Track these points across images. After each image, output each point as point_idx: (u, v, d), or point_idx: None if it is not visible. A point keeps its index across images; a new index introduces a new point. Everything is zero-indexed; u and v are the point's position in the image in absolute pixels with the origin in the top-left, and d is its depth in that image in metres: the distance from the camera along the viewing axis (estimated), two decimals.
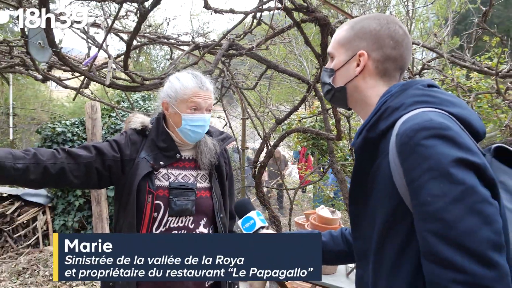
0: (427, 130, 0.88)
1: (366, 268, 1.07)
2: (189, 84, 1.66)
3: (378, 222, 1.01)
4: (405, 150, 0.90)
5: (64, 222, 5.70)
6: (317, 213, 2.20)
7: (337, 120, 3.99)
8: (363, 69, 1.10)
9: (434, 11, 9.27)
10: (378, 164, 1.01)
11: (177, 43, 4.10)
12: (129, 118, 1.76)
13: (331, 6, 3.10)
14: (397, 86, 1.06)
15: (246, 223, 1.45)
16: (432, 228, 0.84)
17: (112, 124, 6.00)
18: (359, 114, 1.19)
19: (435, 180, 0.84)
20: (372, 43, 1.10)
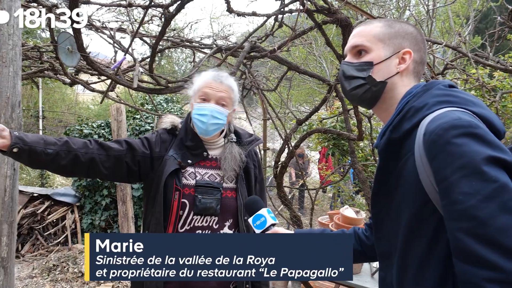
0: (457, 128, 0.87)
1: (390, 268, 1.08)
2: (205, 77, 1.71)
3: (403, 222, 1.00)
4: (434, 149, 0.90)
5: (91, 221, 5.87)
6: (342, 213, 2.23)
7: (359, 121, 4.00)
8: (406, 67, 1.11)
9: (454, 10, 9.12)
10: (402, 164, 1.01)
11: (200, 46, 4.19)
12: (161, 119, 1.83)
13: (352, 7, 3.12)
14: (418, 87, 1.08)
15: (257, 220, 1.44)
16: (465, 226, 0.83)
17: (137, 125, 6.14)
18: (381, 114, 1.18)
19: (467, 178, 0.83)
20: (414, 44, 1.13)
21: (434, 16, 6.09)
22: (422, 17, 6.25)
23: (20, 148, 1.36)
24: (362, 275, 2.25)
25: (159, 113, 5.96)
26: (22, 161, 1.45)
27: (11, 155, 1.37)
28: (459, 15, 9.50)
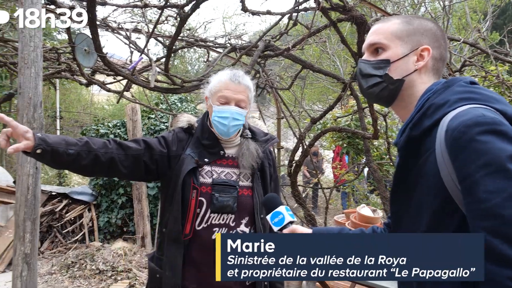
0: (481, 125, 0.86)
1: None
2: (222, 78, 1.71)
3: (424, 219, 0.99)
4: (457, 146, 0.88)
5: (108, 219, 5.95)
6: (358, 212, 2.22)
7: (374, 119, 3.97)
8: (424, 64, 1.10)
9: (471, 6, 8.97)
10: (423, 161, 1.00)
11: (214, 46, 4.22)
12: (176, 118, 1.84)
13: (367, 4, 3.11)
14: (439, 84, 1.06)
15: (275, 218, 1.43)
16: (488, 225, 0.81)
17: (152, 125, 6.21)
18: (400, 111, 1.17)
19: (491, 176, 0.82)
20: (433, 41, 1.10)
21: (451, 12, 6.00)
22: (438, 14, 6.17)
23: (43, 149, 1.39)
24: None
25: (174, 112, 6.02)
26: (44, 162, 1.48)
27: (34, 156, 1.41)
28: (476, 10, 9.35)
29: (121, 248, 5.04)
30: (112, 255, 4.90)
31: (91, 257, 4.88)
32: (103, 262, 4.77)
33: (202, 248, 1.65)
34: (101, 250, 5.05)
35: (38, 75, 1.91)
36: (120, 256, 4.87)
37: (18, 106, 1.89)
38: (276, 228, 1.42)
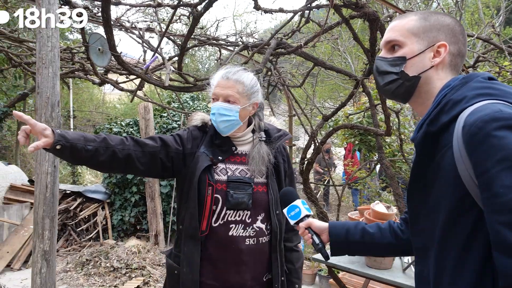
0: (498, 121, 0.86)
1: (426, 262, 1.07)
2: (216, 76, 1.73)
3: (441, 215, 0.99)
4: (474, 142, 0.89)
5: (121, 217, 6.02)
6: (372, 208, 2.22)
7: (387, 116, 3.95)
8: (441, 60, 1.09)
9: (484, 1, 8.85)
10: (440, 157, 1.00)
11: (226, 44, 4.23)
12: (191, 116, 1.85)
13: (380, 1, 3.09)
14: (456, 80, 1.06)
15: (292, 211, 1.44)
16: (506, 219, 0.82)
17: (164, 123, 6.25)
18: (417, 107, 1.17)
19: (509, 171, 0.82)
20: (451, 36, 1.10)
21: (463, 7, 5.94)
22: (450, 9, 6.11)
23: (62, 145, 1.41)
24: (394, 270, 2.23)
25: (186, 111, 6.05)
26: (63, 157, 1.50)
27: (54, 152, 1.43)
28: (489, 6, 9.22)
29: (135, 246, 5.09)
30: (126, 252, 4.95)
31: (106, 255, 4.94)
32: (117, 260, 4.82)
33: (219, 245, 1.66)
34: (115, 248, 5.10)
35: (55, 74, 1.94)
36: (134, 253, 4.92)
37: (36, 105, 1.92)
38: (292, 222, 1.44)
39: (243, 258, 1.69)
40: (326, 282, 4.51)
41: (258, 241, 1.72)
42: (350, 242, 1.38)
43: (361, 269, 2.24)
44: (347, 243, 1.39)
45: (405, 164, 5.23)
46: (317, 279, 4.72)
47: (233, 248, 1.67)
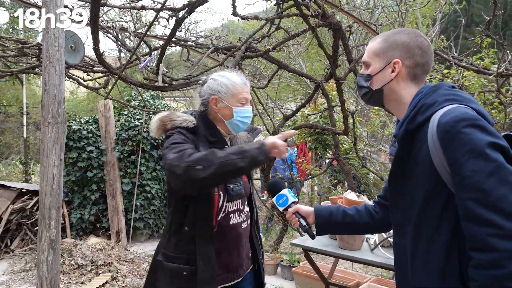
0: (465, 120, 1.10)
1: (404, 236, 1.31)
2: (237, 81, 1.84)
3: (418, 196, 1.23)
4: (447, 137, 1.12)
5: (80, 216, 5.95)
6: (345, 197, 2.54)
7: (345, 116, 4.33)
8: (397, 74, 1.34)
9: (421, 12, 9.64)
10: (417, 150, 1.23)
11: (196, 46, 4.39)
12: (170, 117, 1.80)
13: (344, 13, 3.43)
14: (427, 87, 1.33)
15: (280, 199, 1.69)
16: (473, 196, 1.06)
17: (126, 121, 6.25)
18: (393, 111, 1.46)
19: (474, 159, 1.06)
20: (405, 52, 1.33)
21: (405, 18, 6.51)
22: (393, 19, 6.67)
23: None
24: (363, 250, 2.56)
25: (147, 109, 6.11)
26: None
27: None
28: (425, 16, 10.05)
29: (100, 243, 5.09)
30: (90, 250, 4.94)
31: (69, 253, 4.91)
32: (82, 257, 4.81)
33: (223, 236, 1.80)
34: (78, 245, 5.07)
35: (61, 73, 2.05)
36: (99, 250, 4.93)
37: (43, 102, 2.02)
38: (281, 208, 1.71)
39: (241, 241, 1.89)
40: (288, 271, 4.80)
41: (248, 223, 1.95)
42: (332, 222, 1.67)
43: (335, 250, 2.55)
44: (330, 223, 1.67)
45: (358, 161, 5.68)
46: (279, 269, 5.00)
47: (234, 235, 1.84)
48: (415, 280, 1.26)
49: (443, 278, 1.17)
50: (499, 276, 1.01)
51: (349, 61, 3.92)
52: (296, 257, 4.96)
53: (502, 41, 2.73)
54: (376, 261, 2.39)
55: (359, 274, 4.36)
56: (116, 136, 6.14)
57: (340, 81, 4.01)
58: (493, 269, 1.01)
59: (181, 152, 1.60)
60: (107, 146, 6.10)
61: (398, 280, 1.38)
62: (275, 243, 5.57)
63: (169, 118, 1.80)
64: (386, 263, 2.34)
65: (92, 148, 5.98)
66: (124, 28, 3.93)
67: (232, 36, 8.41)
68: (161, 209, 6.41)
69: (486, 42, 4.80)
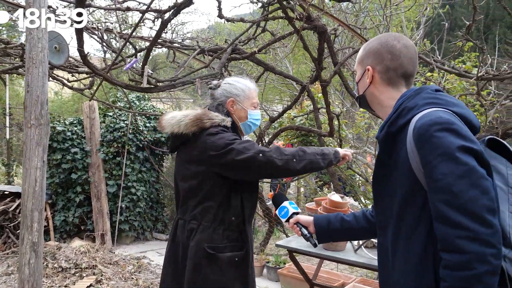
0: (438, 124, 1.12)
1: (386, 235, 1.36)
2: (251, 86, 2.05)
3: (398, 196, 1.25)
4: (421, 140, 1.14)
5: (64, 218, 5.88)
6: (329, 198, 2.57)
7: (330, 118, 4.37)
8: (372, 80, 1.40)
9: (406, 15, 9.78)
10: (397, 152, 1.26)
11: (181, 48, 4.38)
12: (208, 115, 1.92)
13: (329, 16, 3.46)
14: (411, 91, 1.36)
15: (281, 211, 1.81)
16: (443, 198, 1.07)
17: (111, 123, 6.20)
18: (378, 114, 1.51)
19: (445, 162, 1.08)
20: (375, 58, 1.39)
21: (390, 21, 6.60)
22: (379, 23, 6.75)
23: None
24: (347, 251, 2.59)
25: (133, 110, 6.07)
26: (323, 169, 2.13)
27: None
28: (410, 20, 10.20)
29: (84, 246, 5.04)
30: (74, 252, 4.88)
31: (52, 256, 4.84)
32: (66, 260, 4.75)
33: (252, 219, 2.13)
34: (62, 248, 5.01)
35: (45, 74, 2.03)
36: (83, 253, 4.88)
37: (26, 103, 2.00)
38: (283, 220, 1.81)
39: None
40: (274, 273, 4.82)
41: None
42: (331, 230, 1.70)
43: (320, 252, 2.57)
44: (329, 231, 1.71)
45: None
46: (265, 270, 5.01)
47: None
48: (394, 279, 1.28)
49: (419, 277, 1.19)
50: (467, 278, 1.03)
51: (334, 63, 3.96)
52: (282, 258, 4.98)
53: (482, 45, 2.79)
54: (359, 262, 2.42)
55: (344, 275, 4.41)
56: (101, 138, 6.09)
57: (325, 84, 4.05)
58: (461, 270, 1.04)
59: (260, 147, 1.87)
60: (92, 147, 6.04)
61: (381, 280, 1.41)
62: (261, 245, 5.59)
63: (207, 116, 1.91)
64: (369, 264, 2.37)
65: (77, 149, 5.92)
66: (110, 29, 3.91)
67: (219, 38, 8.43)
68: (146, 211, 6.37)
69: (467, 46, 4.90)
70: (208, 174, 1.89)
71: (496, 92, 4.48)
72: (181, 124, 1.89)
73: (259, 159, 1.79)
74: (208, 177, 1.89)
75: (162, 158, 6.90)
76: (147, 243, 6.39)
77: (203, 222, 1.91)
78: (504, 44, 15.32)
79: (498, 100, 3.18)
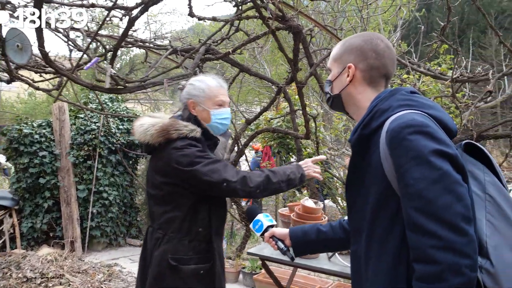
0: (411, 127, 1.07)
1: (360, 242, 1.28)
2: (212, 84, 1.94)
3: (371, 202, 1.19)
4: (393, 143, 1.09)
5: (32, 225, 5.62)
6: (302, 204, 2.47)
7: (306, 121, 4.29)
8: (353, 78, 1.32)
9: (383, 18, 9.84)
10: (370, 155, 1.20)
11: (153, 47, 4.24)
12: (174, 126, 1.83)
13: (304, 16, 3.38)
14: (386, 92, 1.29)
15: (256, 225, 1.72)
16: (415, 204, 1.02)
17: (82, 125, 5.98)
18: (353, 116, 1.42)
19: (418, 166, 1.03)
20: (358, 55, 1.31)
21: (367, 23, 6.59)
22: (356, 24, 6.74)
23: None
24: (320, 259, 2.50)
25: (106, 112, 5.87)
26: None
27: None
28: (387, 22, 10.28)
29: (51, 254, 4.81)
30: (40, 261, 4.66)
31: (17, 265, 4.60)
32: (31, 270, 4.52)
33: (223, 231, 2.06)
34: (27, 257, 4.77)
35: None
36: (50, 262, 4.65)
37: None
38: (258, 234, 1.72)
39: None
40: (250, 278, 4.71)
41: None
42: (307, 242, 1.62)
43: None
44: (305, 243, 1.63)
45: (321, 165, 5.67)
46: (241, 276, 4.90)
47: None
48: (367, 285, 1.23)
49: (392, 284, 1.13)
50: None
51: (310, 65, 3.88)
52: (258, 263, 4.87)
53: (456, 47, 2.75)
54: (333, 270, 2.34)
55: (321, 280, 4.33)
56: (71, 140, 5.86)
57: (301, 85, 3.97)
58: (434, 283, 0.98)
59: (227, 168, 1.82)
60: (62, 151, 5.81)
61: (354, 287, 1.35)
62: (238, 249, 5.47)
63: (174, 127, 1.83)
64: (343, 272, 2.29)
65: (45, 153, 5.67)
66: (76, 28, 3.73)
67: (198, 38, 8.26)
68: (119, 216, 6.16)
69: (443, 49, 4.91)
70: (173, 186, 1.84)
71: (470, 94, 4.49)
72: (147, 134, 1.85)
73: (222, 188, 1.78)
74: (173, 188, 1.85)
75: (136, 161, 6.69)
76: (120, 249, 6.18)
77: (168, 232, 1.86)
78: (478, 47, 15.69)
79: (472, 102, 3.16)
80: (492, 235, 1.07)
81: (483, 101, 4.00)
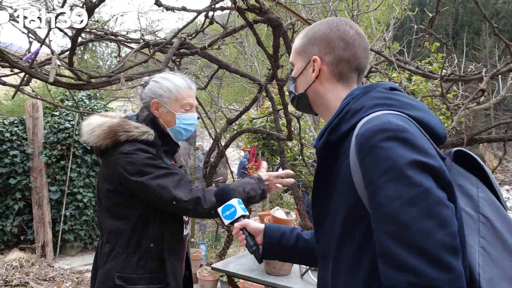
0: (385, 132, 0.85)
1: (326, 269, 1.05)
2: (181, 84, 1.71)
3: (338, 222, 0.99)
4: (363, 151, 0.88)
5: (1, 227, 5.34)
6: (272, 215, 2.21)
7: (288, 121, 4.05)
8: (319, 73, 1.10)
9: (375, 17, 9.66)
10: (338, 165, 1.00)
11: (126, 40, 3.97)
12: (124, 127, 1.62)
13: (283, 7, 3.14)
14: (359, 89, 1.04)
15: (227, 210, 1.36)
16: (388, 229, 0.81)
17: (56, 123, 5.69)
18: (323, 117, 1.18)
19: (391, 182, 0.81)
20: (324, 47, 1.09)
21: (358, 22, 6.39)
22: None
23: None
24: (292, 276, 2.25)
25: (81, 110, 5.58)
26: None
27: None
28: (380, 21, 10.08)
29: (16, 260, 4.53)
30: (5, 267, 4.38)
31: None
32: None
33: (181, 249, 1.78)
34: None
35: None
36: (15, 268, 4.38)
37: None
38: (227, 222, 1.36)
39: (184, 250, 1.85)
40: (227, 286, 4.47)
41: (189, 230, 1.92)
42: (283, 245, 1.34)
43: (261, 276, 2.22)
44: (280, 246, 1.35)
45: (305, 168, 5.43)
46: (219, 285, 4.67)
47: (183, 246, 1.80)
48: None
49: None
50: None
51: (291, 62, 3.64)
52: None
53: (446, 41, 2.51)
54: None
55: None
56: (44, 139, 5.57)
57: (282, 83, 3.72)
58: None
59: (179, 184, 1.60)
60: (34, 150, 5.52)
61: None
62: (218, 256, 5.21)
63: (123, 129, 1.62)
64: None
65: (16, 152, 5.38)
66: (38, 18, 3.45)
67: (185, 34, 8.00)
68: (95, 219, 5.88)
69: (434, 47, 4.69)
70: (119, 194, 1.62)
71: (463, 94, 4.27)
72: (93, 135, 1.64)
73: (170, 206, 1.60)
74: (119, 197, 1.63)
75: None
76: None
77: (116, 247, 1.63)
78: (472, 49, 15.55)
79: (463, 102, 2.93)
80: (487, 266, 0.85)
81: (475, 101, 3.77)
